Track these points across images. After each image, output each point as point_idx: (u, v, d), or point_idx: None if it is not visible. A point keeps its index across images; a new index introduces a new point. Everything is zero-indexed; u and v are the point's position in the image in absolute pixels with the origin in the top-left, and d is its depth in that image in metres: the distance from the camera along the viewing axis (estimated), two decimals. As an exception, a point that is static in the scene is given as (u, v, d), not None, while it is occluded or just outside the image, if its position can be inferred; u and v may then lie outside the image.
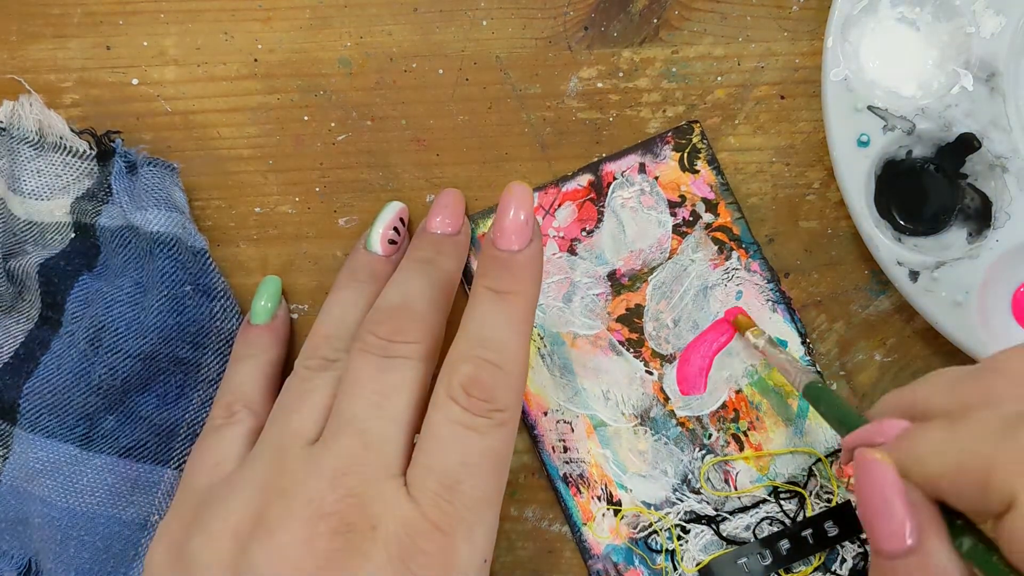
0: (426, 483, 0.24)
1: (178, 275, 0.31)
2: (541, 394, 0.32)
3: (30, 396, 0.31)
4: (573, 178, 0.33)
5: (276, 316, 0.32)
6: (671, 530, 0.32)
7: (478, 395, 0.25)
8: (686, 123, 0.33)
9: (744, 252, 0.32)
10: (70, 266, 0.32)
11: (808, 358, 0.32)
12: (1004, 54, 0.30)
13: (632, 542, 0.32)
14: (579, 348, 0.32)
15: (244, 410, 0.29)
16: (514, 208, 0.27)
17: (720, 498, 0.32)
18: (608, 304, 0.32)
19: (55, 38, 0.34)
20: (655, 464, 0.32)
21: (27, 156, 0.32)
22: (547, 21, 0.33)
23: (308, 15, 0.33)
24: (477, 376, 0.25)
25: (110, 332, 0.31)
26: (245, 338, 0.32)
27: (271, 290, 0.32)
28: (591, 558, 0.32)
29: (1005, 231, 0.30)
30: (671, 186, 0.33)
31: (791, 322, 0.32)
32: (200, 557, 0.24)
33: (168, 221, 0.31)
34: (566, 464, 0.32)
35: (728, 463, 0.32)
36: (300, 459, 0.25)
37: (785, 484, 0.32)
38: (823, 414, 0.27)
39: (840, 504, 0.32)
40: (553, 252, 0.33)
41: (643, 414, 0.32)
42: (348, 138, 0.33)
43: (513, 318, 0.26)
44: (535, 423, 0.32)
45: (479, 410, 0.25)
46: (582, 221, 0.33)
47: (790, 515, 0.32)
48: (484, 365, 0.25)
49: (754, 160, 0.33)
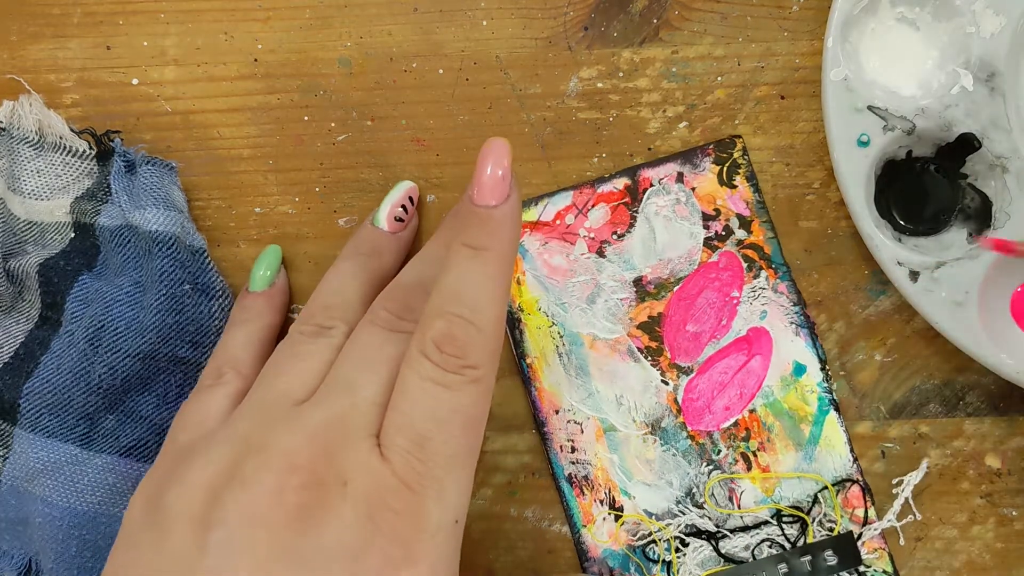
0: (396, 440, 0.24)
1: (177, 274, 0.31)
2: (555, 392, 0.32)
3: (30, 396, 0.31)
4: (610, 180, 0.33)
5: (274, 284, 0.32)
6: (670, 541, 0.32)
7: (450, 351, 0.24)
8: (729, 137, 0.33)
9: (773, 272, 0.32)
10: (70, 266, 0.32)
11: (825, 384, 0.32)
12: (1004, 54, 0.30)
13: (630, 549, 0.32)
14: (597, 350, 0.32)
15: (231, 372, 0.29)
16: (491, 164, 0.26)
17: (722, 515, 0.32)
18: (631, 310, 0.32)
19: (55, 38, 0.34)
20: (661, 474, 0.32)
21: (27, 156, 0.32)
22: (547, 21, 0.33)
23: (308, 15, 0.33)
24: (450, 332, 0.25)
25: (109, 331, 0.31)
26: (242, 304, 0.32)
27: (270, 259, 0.32)
28: (587, 561, 0.32)
29: (1005, 231, 0.30)
30: (707, 198, 0.32)
31: (812, 347, 0.32)
32: (173, 508, 0.24)
33: (167, 220, 0.31)
34: (572, 464, 0.32)
35: (734, 481, 0.32)
36: (284, 417, 0.25)
37: (789, 508, 0.32)
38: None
39: (842, 535, 0.31)
40: (582, 252, 0.33)
41: (654, 423, 0.32)
42: (348, 138, 0.33)
43: (489, 275, 0.26)
44: (546, 420, 0.32)
45: (451, 366, 0.24)
46: (614, 224, 0.33)
47: (791, 540, 0.32)
48: (457, 321, 0.25)
49: (754, 160, 0.33)
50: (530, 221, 0.33)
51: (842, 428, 0.32)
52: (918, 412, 0.32)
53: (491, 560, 0.33)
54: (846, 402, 0.32)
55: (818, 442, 0.32)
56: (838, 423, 0.32)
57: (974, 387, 0.32)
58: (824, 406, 0.32)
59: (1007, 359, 0.30)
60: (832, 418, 0.32)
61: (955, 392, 0.32)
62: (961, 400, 0.32)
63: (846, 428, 0.32)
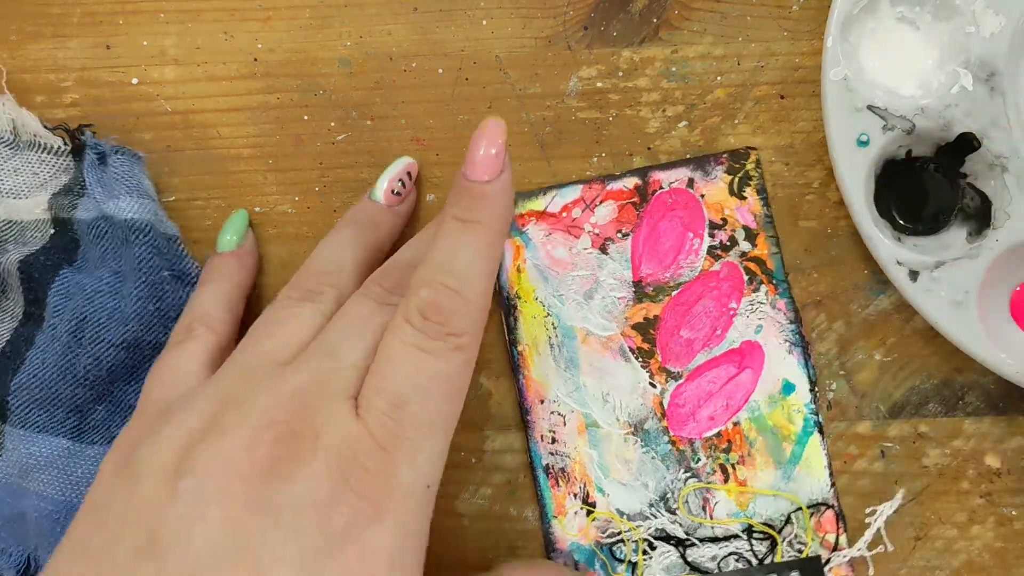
0: (374, 402, 0.24)
1: (155, 261, 0.31)
2: (542, 382, 0.32)
3: (18, 392, 0.31)
4: (620, 178, 0.33)
5: (242, 246, 0.32)
6: (638, 543, 0.32)
7: (434, 318, 0.25)
8: (744, 148, 0.33)
9: (773, 288, 0.32)
10: (50, 261, 0.32)
11: (813, 406, 0.32)
12: (1004, 54, 0.30)
13: (598, 546, 0.32)
14: (589, 346, 0.32)
15: (202, 327, 0.29)
16: (485, 143, 0.27)
17: (694, 523, 0.32)
18: (627, 309, 0.32)
19: (55, 38, 0.34)
20: (638, 475, 0.32)
21: (3, 155, 0.32)
22: (547, 21, 0.33)
23: (308, 15, 0.33)
24: (435, 300, 0.25)
25: (92, 323, 0.31)
26: (210, 264, 0.32)
27: (236, 225, 0.32)
28: (554, 552, 0.32)
29: (1005, 231, 0.30)
30: (715, 207, 0.32)
31: (804, 367, 0.32)
32: (146, 461, 0.24)
33: (140, 208, 0.31)
34: (551, 455, 0.32)
35: (710, 491, 0.32)
36: (266, 376, 0.25)
37: (760, 524, 0.32)
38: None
39: (810, 558, 0.31)
40: (585, 247, 0.33)
41: (637, 424, 0.32)
42: (348, 138, 0.33)
43: (478, 247, 0.26)
44: (530, 408, 0.32)
45: (434, 333, 0.25)
46: (620, 223, 0.33)
47: (758, 556, 0.31)
48: (443, 290, 0.25)
49: (754, 160, 0.33)
50: (536, 211, 0.33)
51: (824, 452, 0.32)
52: (918, 412, 0.32)
53: (491, 560, 0.33)
54: (846, 402, 0.32)
55: (798, 462, 0.32)
56: (820, 446, 0.32)
57: (974, 387, 0.32)
58: (809, 427, 0.32)
59: (1007, 359, 0.30)
60: (815, 440, 0.32)
61: (954, 392, 0.32)
62: (960, 400, 0.32)
63: (828, 452, 0.32)
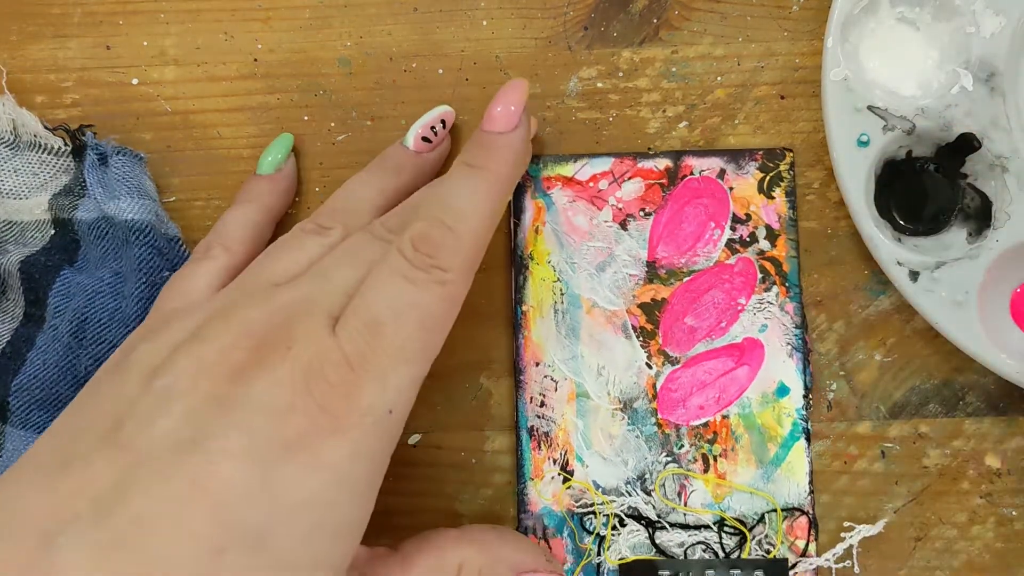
0: (350, 321, 0.24)
1: (156, 262, 0.31)
2: (540, 345, 0.32)
3: (18, 393, 0.31)
4: (652, 158, 0.33)
5: (281, 170, 0.32)
6: (609, 517, 0.32)
7: (423, 250, 0.25)
8: (780, 149, 0.33)
9: (785, 290, 0.32)
10: (51, 262, 0.32)
11: (804, 412, 0.32)
12: (1004, 54, 0.30)
13: (569, 514, 0.32)
14: (593, 317, 0.32)
15: (219, 247, 0.30)
16: (504, 101, 0.28)
17: (667, 507, 0.32)
18: (637, 288, 0.32)
19: (55, 38, 0.34)
20: (620, 452, 0.32)
21: (3, 156, 0.32)
22: (547, 21, 0.33)
23: (308, 15, 0.33)
24: (427, 233, 0.25)
25: (93, 323, 0.31)
26: (246, 186, 0.32)
27: (278, 148, 0.32)
28: (525, 513, 0.32)
29: (1005, 231, 0.30)
30: (742, 201, 0.32)
31: (801, 373, 0.32)
32: (137, 360, 0.25)
33: (141, 209, 0.31)
34: (537, 418, 0.32)
35: (688, 479, 0.32)
36: (259, 293, 0.26)
37: (733, 519, 0.32)
38: None
39: (777, 559, 0.31)
40: (606, 219, 0.33)
41: (627, 402, 0.32)
42: (348, 138, 0.33)
43: (479, 190, 0.27)
44: (524, 369, 0.32)
45: (420, 263, 0.25)
46: (644, 201, 0.33)
47: (726, 549, 0.32)
48: (437, 224, 0.26)
49: (754, 160, 0.33)
50: (564, 176, 0.33)
51: (807, 459, 0.32)
52: (918, 412, 0.32)
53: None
54: (846, 402, 0.32)
55: (780, 465, 0.32)
56: (805, 453, 0.32)
57: (974, 387, 0.32)
58: (796, 432, 0.32)
59: (1007, 359, 0.30)
60: (800, 446, 0.32)
61: (955, 392, 0.32)
62: (961, 400, 0.32)
63: (811, 461, 0.32)
